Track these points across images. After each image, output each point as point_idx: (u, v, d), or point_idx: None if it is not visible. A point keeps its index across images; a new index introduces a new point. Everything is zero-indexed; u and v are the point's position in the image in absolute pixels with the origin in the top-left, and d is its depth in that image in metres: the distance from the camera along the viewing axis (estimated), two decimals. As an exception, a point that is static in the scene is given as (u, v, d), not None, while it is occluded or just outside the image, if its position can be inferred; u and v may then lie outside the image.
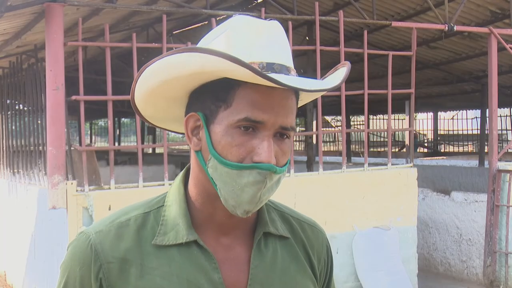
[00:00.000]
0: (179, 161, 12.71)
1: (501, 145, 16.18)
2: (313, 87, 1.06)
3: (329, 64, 10.72)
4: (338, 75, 1.17)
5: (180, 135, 1.30)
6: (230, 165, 1.06)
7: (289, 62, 1.12)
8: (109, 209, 4.71)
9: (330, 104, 15.22)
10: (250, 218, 1.19)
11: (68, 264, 1.16)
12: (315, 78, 1.26)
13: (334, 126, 27.10)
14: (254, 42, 1.09)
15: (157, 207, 1.19)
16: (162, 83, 1.13)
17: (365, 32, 6.32)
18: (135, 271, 1.12)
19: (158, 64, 1.10)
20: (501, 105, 10.05)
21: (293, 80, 1.06)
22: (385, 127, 12.12)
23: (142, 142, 5.26)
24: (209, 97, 1.11)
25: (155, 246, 1.14)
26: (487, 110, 7.90)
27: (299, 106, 1.19)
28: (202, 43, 1.15)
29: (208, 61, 1.03)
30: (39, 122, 6.00)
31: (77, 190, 4.75)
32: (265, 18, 1.19)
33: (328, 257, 1.33)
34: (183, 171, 1.23)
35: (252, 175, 1.05)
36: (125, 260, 1.13)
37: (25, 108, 6.68)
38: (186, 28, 10.01)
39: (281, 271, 1.20)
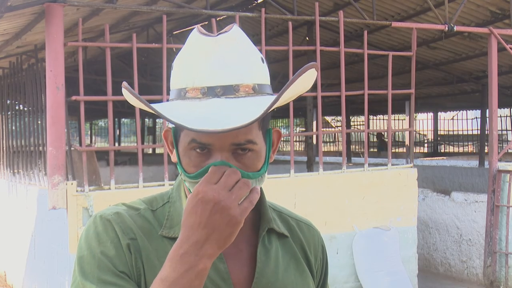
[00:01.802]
0: (179, 161, 12.68)
1: (501, 145, 16.17)
2: (227, 126, 1.00)
3: (329, 65, 10.73)
4: (307, 78, 1.11)
5: None
6: (191, 176, 1.11)
7: (239, 78, 1.10)
8: (109, 209, 4.70)
9: (330, 104, 15.22)
10: (250, 216, 1.21)
11: (95, 241, 1.15)
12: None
13: (334, 126, 27.09)
14: (198, 67, 1.11)
15: (162, 204, 1.24)
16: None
17: (365, 33, 6.32)
18: (153, 252, 1.16)
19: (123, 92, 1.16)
20: (501, 105, 10.06)
21: (215, 115, 1.04)
22: (385, 127, 12.12)
23: (142, 143, 5.26)
24: None
25: (163, 237, 1.18)
26: (487, 110, 7.90)
27: (280, 105, 1.15)
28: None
29: (135, 100, 1.09)
30: (39, 122, 6.00)
31: (77, 191, 4.75)
32: (223, 30, 1.16)
33: (323, 256, 1.36)
34: None
35: None
36: (143, 240, 1.17)
37: (25, 108, 6.68)
38: (186, 29, 10.01)
39: (284, 268, 1.24)
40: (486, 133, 10.81)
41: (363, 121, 17.51)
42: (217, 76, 1.09)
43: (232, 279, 1.17)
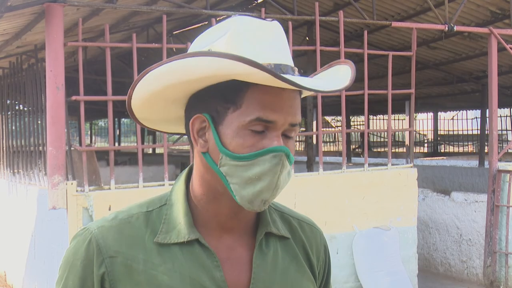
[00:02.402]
0: (179, 161, 12.72)
1: (501, 145, 16.17)
2: (328, 88, 1.09)
3: (329, 64, 10.71)
4: (341, 74, 1.17)
5: (176, 135, 1.31)
6: (245, 157, 1.08)
7: (291, 62, 1.13)
8: (109, 209, 4.71)
9: (330, 104, 15.22)
10: (251, 218, 1.21)
11: (70, 259, 1.16)
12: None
13: (334, 126, 27.09)
14: (259, 44, 1.10)
15: (159, 206, 1.20)
16: (165, 87, 1.13)
17: (365, 33, 6.32)
18: (138, 267, 1.13)
19: (165, 68, 1.09)
20: (501, 105, 10.06)
21: (306, 81, 1.09)
22: (385, 127, 12.11)
23: (142, 142, 5.26)
24: (215, 98, 1.11)
25: (157, 244, 1.15)
26: (487, 110, 7.90)
27: None
28: (198, 44, 1.14)
29: (223, 65, 1.03)
30: (39, 122, 6.00)
31: (77, 190, 4.75)
32: (265, 18, 1.16)
33: (326, 256, 1.34)
34: (185, 170, 1.23)
35: (267, 160, 1.08)
36: (128, 255, 1.14)
37: (25, 108, 6.68)
38: (186, 29, 10.02)
39: (282, 272, 1.21)
40: (486, 133, 10.81)
41: (363, 121, 17.50)
42: (280, 55, 1.11)
43: (229, 287, 1.14)
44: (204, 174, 1.16)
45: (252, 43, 1.09)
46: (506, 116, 18.87)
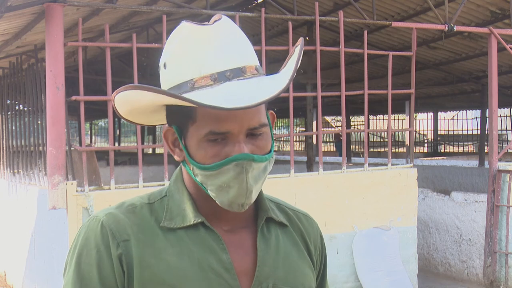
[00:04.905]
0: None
1: (501, 145, 16.17)
2: (254, 101, 1.03)
3: (329, 65, 10.73)
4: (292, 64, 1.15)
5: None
6: (209, 167, 1.11)
7: (243, 60, 1.12)
8: (109, 209, 4.70)
9: (330, 104, 15.21)
10: (249, 208, 1.22)
11: (80, 249, 1.17)
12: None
13: (334, 126, 27.09)
14: (202, 55, 1.11)
15: (160, 198, 1.24)
16: (131, 109, 1.19)
17: (365, 33, 6.32)
18: (149, 250, 1.15)
19: (119, 98, 1.15)
20: (501, 105, 10.06)
21: (237, 95, 1.06)
22: (385, 127, 12.13)
23: (142, 142, 5.26)
24: (178, 112, 1.15)
25: (163, 229, 1.17)
26: (487, 110, 7.90)
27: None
28: (163, 56, 1.19)
29: (154, 97, 1.09)
30: (39, 122, 6.00)
31: (77, 191, 4.75)
32: (207, 23, 1.17)
33: (322, 246, 1.37)
34: (179, 167, 1.27)
35: (231, 169, 1.09)
36: (138, 238, 1.16)
37: (25, 109, 6.68)
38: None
39: (284, 256, 1.24)
40: (486, 133, 10.81)
41: (363, 121, 17.50)
42: (224, 60, 1.11)
43: (235, 269, 1.17)
44: (189, 178, 1.20)
45: (195, 56, 1.11)
46: (506, 116, 18.87)
